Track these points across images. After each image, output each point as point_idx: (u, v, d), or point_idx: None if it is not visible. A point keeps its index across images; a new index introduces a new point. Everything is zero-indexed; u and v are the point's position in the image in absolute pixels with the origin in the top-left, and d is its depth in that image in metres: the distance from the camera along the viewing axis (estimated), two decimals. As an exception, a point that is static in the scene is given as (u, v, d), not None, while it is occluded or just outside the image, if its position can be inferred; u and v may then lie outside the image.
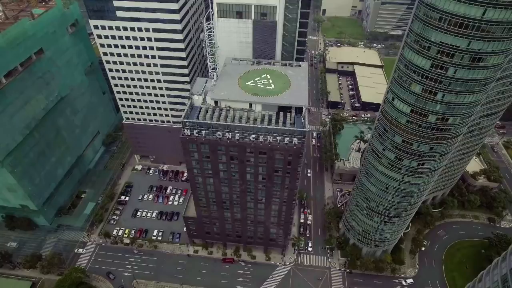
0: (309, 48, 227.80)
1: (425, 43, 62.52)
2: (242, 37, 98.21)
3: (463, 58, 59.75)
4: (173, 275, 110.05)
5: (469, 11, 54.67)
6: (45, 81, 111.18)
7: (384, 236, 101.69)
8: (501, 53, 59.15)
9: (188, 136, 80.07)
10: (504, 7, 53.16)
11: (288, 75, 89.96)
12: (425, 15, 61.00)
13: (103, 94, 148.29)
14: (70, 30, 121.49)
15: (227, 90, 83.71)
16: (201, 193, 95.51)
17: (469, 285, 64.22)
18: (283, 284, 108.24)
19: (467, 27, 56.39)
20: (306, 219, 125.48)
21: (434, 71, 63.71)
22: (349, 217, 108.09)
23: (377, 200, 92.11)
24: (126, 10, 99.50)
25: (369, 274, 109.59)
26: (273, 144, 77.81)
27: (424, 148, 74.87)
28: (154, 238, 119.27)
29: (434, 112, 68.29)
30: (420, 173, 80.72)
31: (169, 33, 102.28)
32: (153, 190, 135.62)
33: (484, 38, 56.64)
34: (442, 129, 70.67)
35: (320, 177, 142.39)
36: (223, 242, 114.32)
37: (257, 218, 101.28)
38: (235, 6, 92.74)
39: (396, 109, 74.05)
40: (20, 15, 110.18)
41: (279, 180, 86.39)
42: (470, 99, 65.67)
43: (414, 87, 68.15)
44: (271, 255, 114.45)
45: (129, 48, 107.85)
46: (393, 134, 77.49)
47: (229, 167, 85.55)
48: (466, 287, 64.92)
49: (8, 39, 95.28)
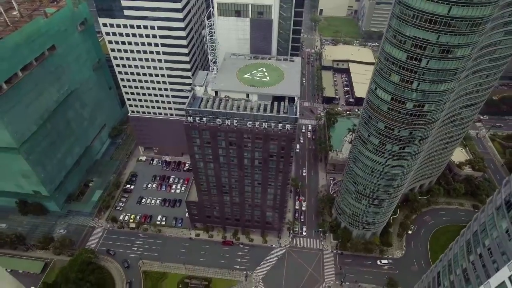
0: (306, 46, 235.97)
1: (401, 37, 70.64)
2: (240, 34, 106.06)
3: (434, 51, 67.85)
4: (176, 256, 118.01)
5: (437, 8, 62.72)
6: (56, 75, 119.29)
7: (372, 218, 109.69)
8: (467, 46, 67.20)
9: (191, 123, 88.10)
10: (467, 5, 61.24)
11: (282, 68, 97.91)
12: (401, 12, 69.08)
13: (109, 89, 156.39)
14: (79, 28, 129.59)
15: (226, 82, 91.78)
16: (202, 178, 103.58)
17: (442, 256, 72.09)
18: (279, 265, 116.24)
19: (436, 23, 64.46)
20: (301, 205, 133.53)
21: (410, 63, 71.83)
22: (340, 202, 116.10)
23: (364, 184, 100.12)
24: (133, 9, 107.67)
25: (359, 255, 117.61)
26: (268, 130, 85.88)
27: (404, 133, 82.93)
28: (158, 223, 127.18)
29: (411, 99, 76.41)
30: (402, 156, 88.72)
31: (172, 30, 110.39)
32: (157, 179, 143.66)
33: (451, 32, 64.74)
34: (419, 115, 78.75)
35: (314, 167, 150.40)
36: (222, 225, 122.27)
37: (254, 202, 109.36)
38: (234, 5, 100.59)
39: (378, 97, 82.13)
40: (34, 14, 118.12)
41: (274, 164, 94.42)
42: (442, 87, 73.72)
43: (393, 77, 76.24)
44: (267, 238, 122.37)
45: (135, 45, 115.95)
46: (377, 121, 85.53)
47: (228, 152, 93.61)
48: (440, 257, 72.81)
49: (24, 36, 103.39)
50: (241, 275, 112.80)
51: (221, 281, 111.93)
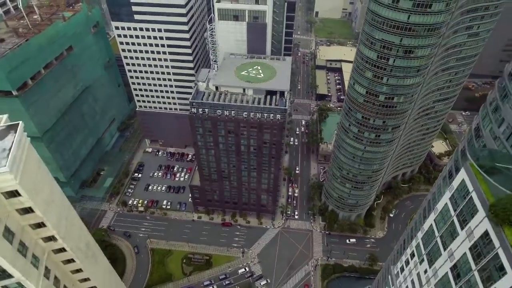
0: (302, 47, 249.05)
1: (372, 40, 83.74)
2: (238, 36, 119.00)
3: (398, 51, 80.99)
4: (180, 236, 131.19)
5: (399, 16, 75.86)
6: (73, 73, 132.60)
7: (355, 200, 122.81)
8: (426, 47, 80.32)
9: (195, 114, 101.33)
10: (423, 14, 74.36)
11: (275, 66, 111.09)
12: (372, 19, 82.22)
13: (118, 86, 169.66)
14: (92, 30, 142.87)
15: (226, 78, 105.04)
16: (204, 163, 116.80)
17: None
18: (272, 243, 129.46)
19: (398, 28, 77.59)
20: (294, 192, 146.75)
21: (380, 61, 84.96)
22: (328, 187, 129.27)
23: (347, 169, 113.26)
24: (143, 14, 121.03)
25: (344, 235, 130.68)
26: (261, 119, 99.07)
27: (378, 122, 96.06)
28: (164, 207, 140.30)
29: (383, 92, 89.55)
30: (378, 143, 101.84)
31: (178, 33, 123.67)
32: (162, 168, 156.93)
33: (411, 36, 77.88)
34: (390, 106, 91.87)
35: (307, 158, 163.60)
36: (222, 208, 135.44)
37: (250, 186, 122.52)
38: (233, 11, 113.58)
39: (356, 91, 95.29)
40: (53, 18, 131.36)
41: (267, 150, 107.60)
42: (408, 82, 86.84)
43: (367, 73, 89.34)
44: (262, 220, 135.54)
45: (144, 45, 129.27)
46: (355, 112, 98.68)
47: (227, 140, 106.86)
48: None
49: (46, 38, 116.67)
50: (239, 252, 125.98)
51: (220, 257, 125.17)
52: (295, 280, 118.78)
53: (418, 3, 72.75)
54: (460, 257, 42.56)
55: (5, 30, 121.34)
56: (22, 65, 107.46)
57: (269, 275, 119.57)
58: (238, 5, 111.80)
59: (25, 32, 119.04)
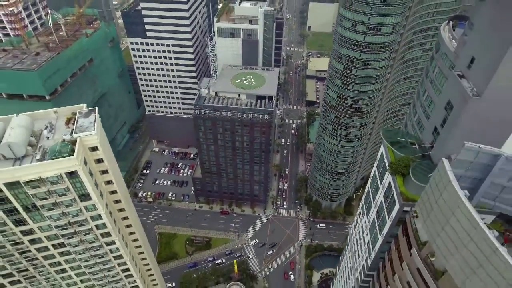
0: (294, 58, 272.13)
1: (340, 55, 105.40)
2: (234, 50, 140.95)
3: (359, 63, 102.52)
4: (184, 222, 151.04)
5: (357, 37, 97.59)
6: (92, 81, 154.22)
7: (334, 190, 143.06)
8: (380, 60, 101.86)
9: (198, 115, 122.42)
10: (375, 35, 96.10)
11: (264, 75, 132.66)
12: (339, 39, 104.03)
13: (129, 93, 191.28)
14: (109, 44, 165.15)
15: (223, 85, 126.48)
16: (205, 158, 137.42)
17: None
18: (264, 228, 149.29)
19: (358, 46, 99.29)
20: (283, 185, 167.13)
21: (346, 71, 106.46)
22: (311, 179, 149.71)
23: (326, 162, 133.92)
24: (154, 31, 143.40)
25: (327, 221, 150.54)
26: (252, 119, 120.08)
27: (348, 121, 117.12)
28: (169, 198, 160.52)
29: (350, 96, 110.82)
30: (349, 139, 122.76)
31: (183, 47, 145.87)
32: (168, 165, 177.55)
33: (368, 52, 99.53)
34: (356, 107, 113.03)
35: (296, 157, 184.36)
36: (220, 198, 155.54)
37: (245, 177, 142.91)
38: (230, 29, 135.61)
39: (329, 96, 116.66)
40: (76, 34, 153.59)
41: (257, 145, 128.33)
42: (369, 88, 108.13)
43: (337, 81, 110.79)
44: (255, 209, 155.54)
45: (154, 58, 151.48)
46: (330, 113, 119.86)
47: (224, 137, 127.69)
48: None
49: (73, 52, 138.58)
50: (234, 235, 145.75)
51: (218, 239, 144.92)
52: (283, 258, 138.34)
53: (371, 27, 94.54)
54: (379, 204, 63.30)
55: (37, 44, 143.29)
56: (54, 74, 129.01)
57: (260, 254, 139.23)
58: (234, 24, 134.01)
59: (54, 46, 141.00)
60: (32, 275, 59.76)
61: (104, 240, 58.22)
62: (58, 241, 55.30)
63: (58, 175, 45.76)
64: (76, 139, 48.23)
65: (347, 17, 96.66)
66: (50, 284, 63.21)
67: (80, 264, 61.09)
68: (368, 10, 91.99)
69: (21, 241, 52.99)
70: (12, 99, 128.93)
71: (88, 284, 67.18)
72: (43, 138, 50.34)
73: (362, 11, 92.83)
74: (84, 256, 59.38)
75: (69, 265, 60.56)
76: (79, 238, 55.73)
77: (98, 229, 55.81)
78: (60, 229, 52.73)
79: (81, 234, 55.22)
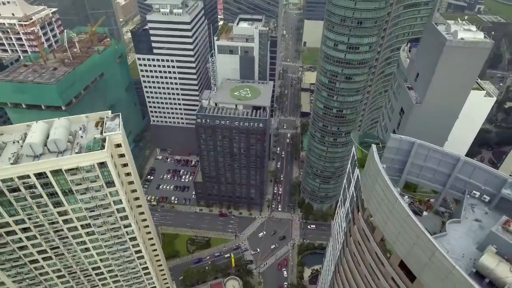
0: (290, 72, 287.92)
1: (325, 70, 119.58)
2: (233, 65, 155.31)
3: (342, 77, 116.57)
4: (185, 224, 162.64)
5: (339, 55, 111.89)
6: (103, 93, 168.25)
7: (325, 193, 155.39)
8: (360, 75, 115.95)
9: (199, 123, 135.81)
10: (355, 53, 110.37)
11: (260, 88, 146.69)
12: (324, 56, 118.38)
13: (135, 105, 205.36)
14: (118, 60, 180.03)
15: (223, 97, 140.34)
16: (205, 163, 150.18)
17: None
18: (260, 229, 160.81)
19: (340, 62, 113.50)
20: (278, 190, 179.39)
21: (331, 85, 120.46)
22: (304, 183, 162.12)
23: (316, 167, 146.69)
24: (159, 48, 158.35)
25: (318, 222, 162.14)
26: (248, 127, 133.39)
27: (334, 128, 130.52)
28: (172, 202, 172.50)
29: (335, 107, 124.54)
30: (336, 145, 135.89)
31: (186, 63, 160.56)
32: (170, 172, 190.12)
33: (349, 67, 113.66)
34: (341, 116, 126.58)
35: (290, 164, 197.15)
36: (219, 202, 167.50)
37: (242, 181, 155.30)
38: (228, 47, 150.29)
39: (317, 106, 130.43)
40: (89, 51, 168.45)
41: (253, 151, 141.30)
42: (351, 99, 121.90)
43: (324, 93, 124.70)
44: (252, 211, 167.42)
45: (159, 72, 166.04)
46: (318, 121, 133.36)
47: (223, 143, 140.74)
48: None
49: (87, 67, 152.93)
50: (232, 235, 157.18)
51: (217, 239, 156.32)
52: (277, 256, 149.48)
53: (350, 46, 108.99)
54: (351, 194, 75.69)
55: (53, 60, 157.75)
56: (70, 87, 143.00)
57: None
58: (233, 42, 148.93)
59: (69, 62, 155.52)
60: (62, 252, 71.76)
61: (122, 223, 70.58)
62: (85, 222, 67.56)
63: (92, 165, 58.56)
64: (105, 137, 61.40)
65: (330, 37, 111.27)
66: (75, 262, 75.11)
67: (101, 244, 73.16)
68: (347, 32, 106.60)
69: (57, 221, 65.30)
70: (30, 109, 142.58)
71: (106, 263, 78.96)
72: (78, 136, 63.43)
73: (342, 32, 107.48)
74: (105, 236, 71.61)
75: (92, 244, 72.64)
76: (103, 220, 68.12)
77: (119, 212, 68.23)
78: (89, 211, 65.15)
79: (105, 216, 67.65)
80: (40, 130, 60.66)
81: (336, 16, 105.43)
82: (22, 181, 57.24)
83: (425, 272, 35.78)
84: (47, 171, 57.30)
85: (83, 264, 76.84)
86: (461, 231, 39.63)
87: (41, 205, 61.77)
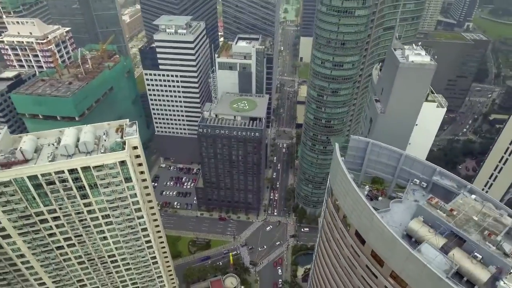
0: (287, 86, 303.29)
1: (314, 84, 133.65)
2: (232, 80, 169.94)
3: (329, 91, 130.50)
4: (187, 227, 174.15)
5: (325, 71, 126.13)
6: (112, 106, 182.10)
7: (317, 198, 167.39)
8: (345, 89, 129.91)
9: (201, 133, 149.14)
10: (340, 69, 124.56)
11: (256, 101, 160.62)
12: (313, 72, 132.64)
13: (140, 117, 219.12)
14: (126, 75, 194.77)
15: (223, 109, 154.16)
16: (206, 169, 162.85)
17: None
18: (256, 231, 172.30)
19: (327, 78, 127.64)
20: (274, 196, 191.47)
21: (319, 98, 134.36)
22: (297, 189, 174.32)
23: (308, 173, 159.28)
24: (165, 65, 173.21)
25: (311, 226, 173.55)
26: (246, 136, 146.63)
27: (323, 137, 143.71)
28: (175, 207, 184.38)
29: (323, 117, 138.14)
30: (326, 153, 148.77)
31: (189, 78, 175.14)
32: (173, 179, 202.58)
33: (334, 82, 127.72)
34: (329, 126, 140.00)
35: (286, 171, 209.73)
36: (219, 206, 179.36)
37: (240, 187, 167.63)
38: (228, 63, 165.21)
39: (308, 117, 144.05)
40: (100, 67, 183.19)
41: (250, 158, 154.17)
42: (338, 111, 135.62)
43: (313, 105, 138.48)
44: (249, 215, 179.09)
45: (164, 86, 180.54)
46: (309, 131, 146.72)
47: (223, 151, 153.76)
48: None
49: (99, 82, 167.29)
50: (231, 237, 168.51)
51: (217, 241, 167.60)
52: (272, 256, 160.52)
53: (335, 64, 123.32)
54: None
55: (68, 75, 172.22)
56: (83, 100, 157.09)
57: (252, 254, 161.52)
58: (232, 59, 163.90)
59: (82, 77, 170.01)
60: (84, 240, 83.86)
61: (136, 214, 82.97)
62: (105, 213, 80.00)
63: (114, 163, 71.46)
64: (125, 140, 74.55)
65: (318, 56, 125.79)
66: (94, 249, 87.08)
67: (117, 233, 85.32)
68: (332, 52, 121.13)
69: (82, 211, 77.74)
70: (47, 119, 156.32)
71: (120, 251, 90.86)
72: (102, 140, 76.61)
73: (328, 52, 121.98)
74: (121, 226, 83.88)
75: (110, 233, 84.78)
76: (120, 211, 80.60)
77: (133, 204, 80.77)
78: (109, 202, 77.71)
79: (122, 208, 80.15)
80: (72, 135, 73.93)
81: (322, 38, 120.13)
82: (58, 175, 70.17)
83: (370, 235, 48.40)
84: (78, 167, 70.25)
85: (100, 252, 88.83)
86: (402, 208, 52.35)
87: (71, 197, 74.46)
